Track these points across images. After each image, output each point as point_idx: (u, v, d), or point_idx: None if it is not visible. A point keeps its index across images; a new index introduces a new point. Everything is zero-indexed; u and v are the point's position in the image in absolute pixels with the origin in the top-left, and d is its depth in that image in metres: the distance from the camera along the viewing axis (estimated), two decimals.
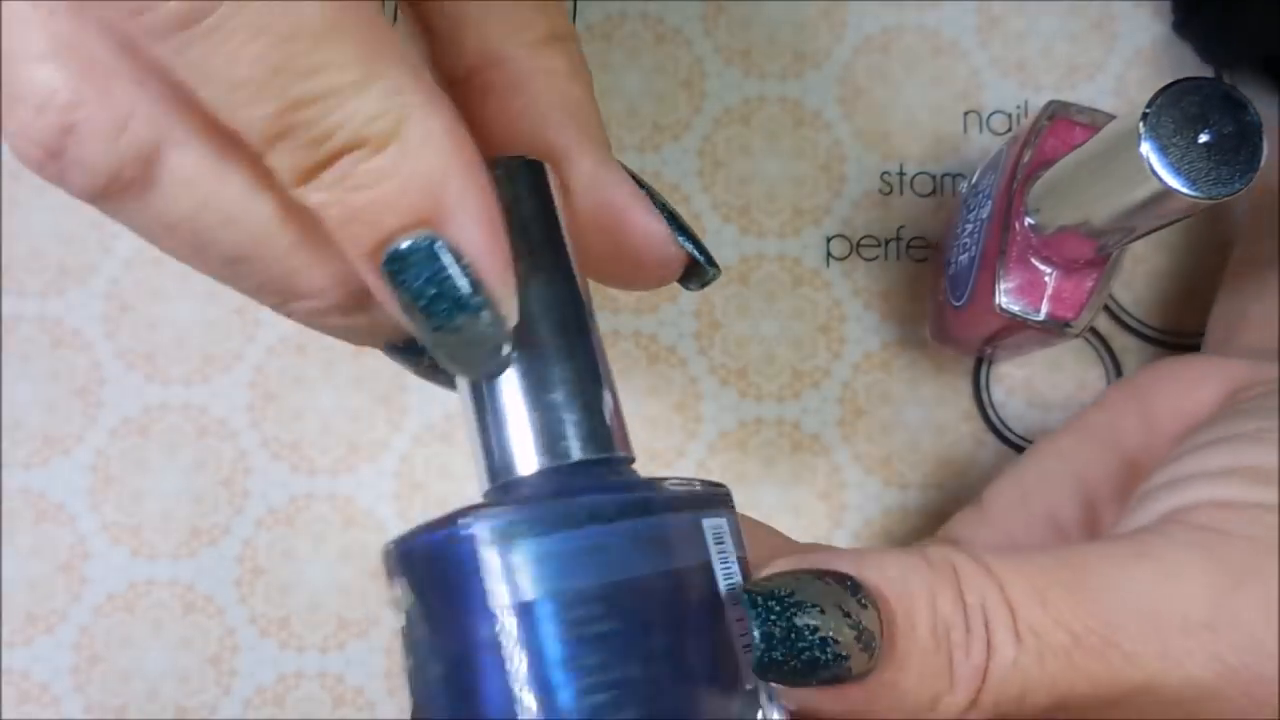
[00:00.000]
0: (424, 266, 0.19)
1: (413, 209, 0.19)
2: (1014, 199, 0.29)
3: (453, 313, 0.19)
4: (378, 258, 0.19)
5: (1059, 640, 0.21)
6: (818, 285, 0.37)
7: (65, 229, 0.36)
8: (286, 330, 0.36)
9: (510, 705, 0.19)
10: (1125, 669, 0.21)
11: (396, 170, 0.18)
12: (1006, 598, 0.21)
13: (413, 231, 0.19)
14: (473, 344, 0.20)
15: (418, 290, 0.19)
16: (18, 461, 0.36)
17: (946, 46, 0.37)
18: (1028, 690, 0.21)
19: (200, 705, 0.35)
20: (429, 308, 0.19)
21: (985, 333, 0.31)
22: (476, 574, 0.19)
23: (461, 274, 0.19)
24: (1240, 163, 0.23)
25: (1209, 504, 0.23)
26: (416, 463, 0.36)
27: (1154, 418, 0.29)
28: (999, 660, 0.21)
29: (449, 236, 0.19)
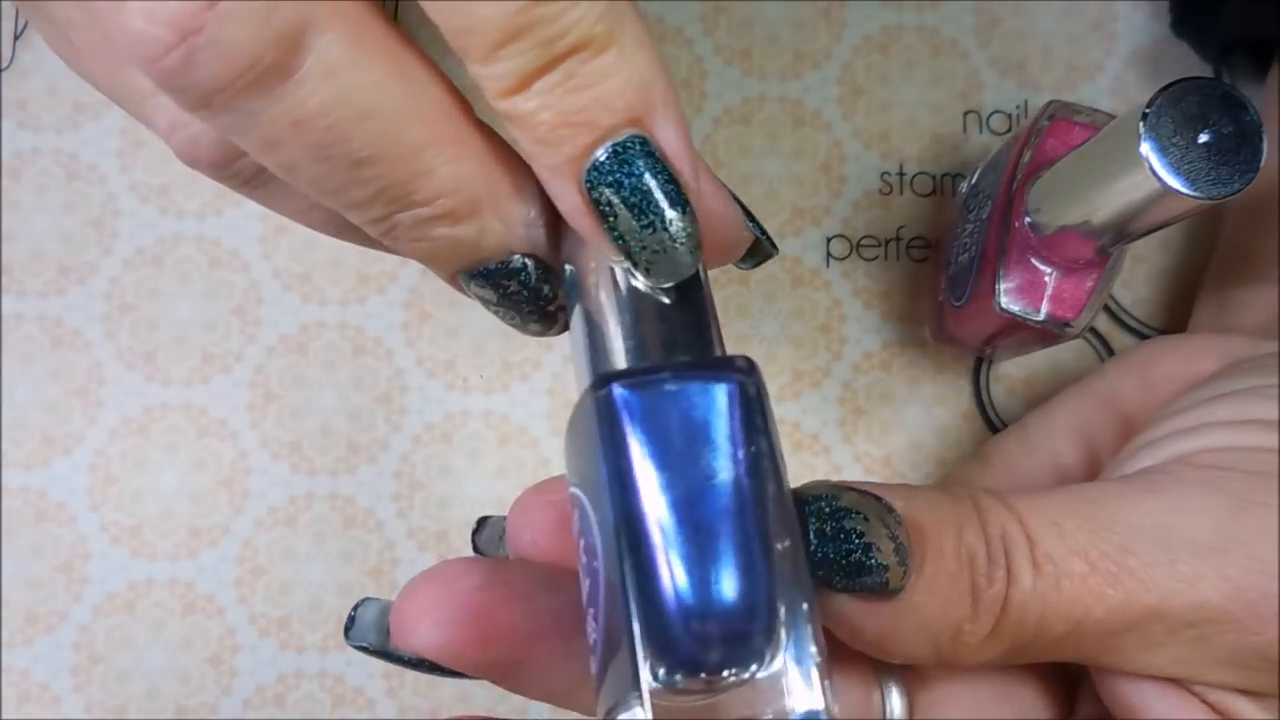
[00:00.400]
0: (635, 164, 0.19)
1: (629, 108, 0.19)
2: (1014, 199, 0.29)
3: (663, 210, 0.20)
4: (580, 163, 0.19)
5: (1075, 567, 0.22)
6: (818, 285, 0.37)
7: (65, 229, 0.36)
8: (286, 330, 0.36)
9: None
10: (1138, 592, 0.22)
11: (618, 69, 0.19)
12: (1025, 529, 0.22)
13: (623, 131, 0.19)
14: (678, 242, 0.20)
15: (630, 188, 0.19)
16: (18, 461, 0.36)
17: (946, 46, 0.37)
18: (1045, 617, 0.21)
19: (200, 705, 0.35)
20: (643, 204, 0.20)
21: (985, 333, 0.31)
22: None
23: (666, 174, 0.20)
24: (1240, 163, 0.23)
25: (1214, 449, 0.24)
26: (416, 463, 0.36)
27: (1154, 383, 0.29)
28: (1019, 588, 0.21)
29: (657, 137, 0.19)
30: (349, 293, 0.36)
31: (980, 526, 0.22)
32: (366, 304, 0.36)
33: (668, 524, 0.18)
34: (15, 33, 0.36)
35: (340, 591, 0.36)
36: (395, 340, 0.36)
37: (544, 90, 0.19)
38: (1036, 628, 0.22)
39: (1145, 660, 0.22)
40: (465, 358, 0.36)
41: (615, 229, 0.20)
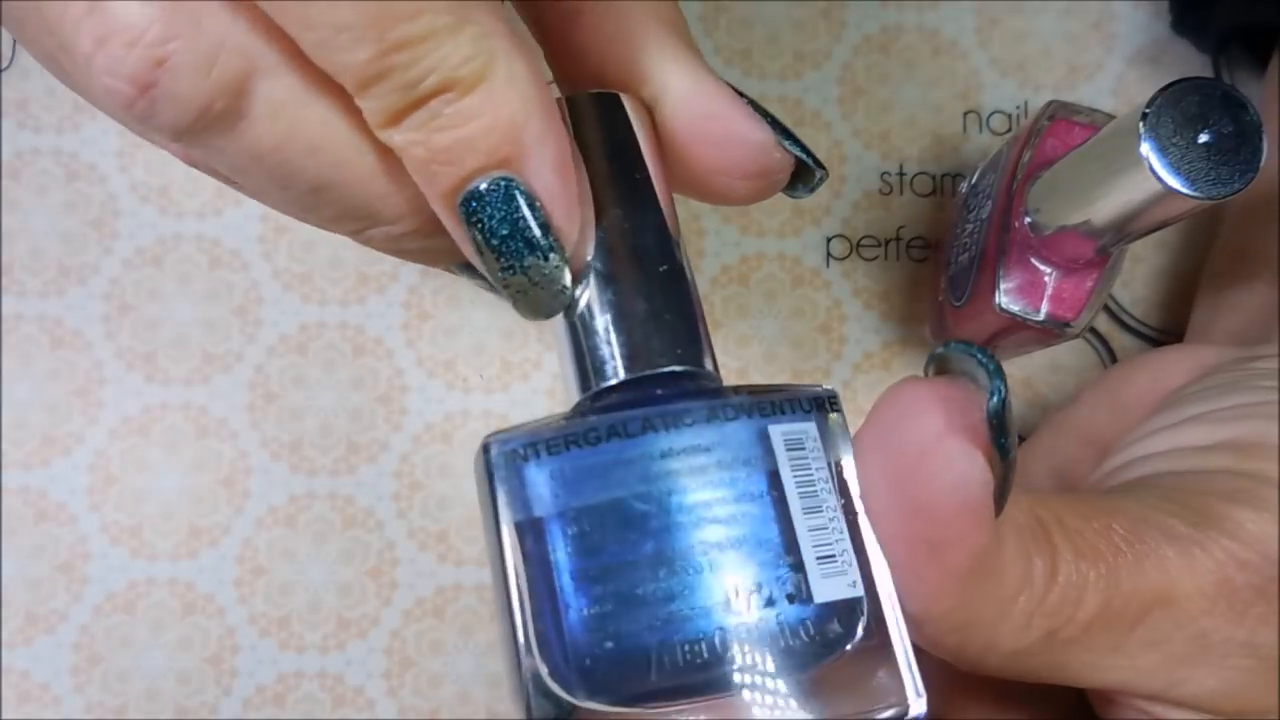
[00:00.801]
0: (499, 207, 0.20)
1: (494, 150, 0.19)
2: (1014, 199, 0.29)
3: (523, 253, 0.20)
4: (454, 198, 0.20)
5: (1102, 542, 0.22)
6: (818, 285, 0.37)
7: (65, 229, 0.36)
8: (286, 330, 0.36)
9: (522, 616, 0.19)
10: (1154, 576, 0.22)
11: (482, 111, 0.19)
12: (1050, 508, 0.22)
13: (491, 172, 0.20)
14: (539, 284, 0.21)
15: (492, 229, 0.20)
16: (18, 461, 0.36)
17: (946, 47, 0.37)
18: (1085, 593, 0.21)
19: (200, 705, 0.35)
20: (501, 247, 0.20)
21: (985, 333, 0.31)
22: (493, 491, 0.20)
23: (533, 216, 0.20)
24: (1240, 163, 0.23)
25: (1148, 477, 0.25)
26: (416, 463, 0.36)
27: (1125, 407, 0.30)
28: (1064, 561, 0.21)
29: (525, 178, 0.20)
30: (349, 293, 0.36)
31: (1015, 501, 0.22)
32: (366, 304, 0.36)
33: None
34: None
35: (340, 591, 0.36)
36: (395, 340, 0.36)
37: (414, 126, 0.19)
38: (1076, 603, 0.21)
39: (1149, 663, 0.22)
40: (465, 358, 0.36)
41: (483, 263, 0.21)
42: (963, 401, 0.20)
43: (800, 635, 0.19)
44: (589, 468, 0.20)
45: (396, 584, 0.36)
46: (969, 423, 0.19)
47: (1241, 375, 0.27)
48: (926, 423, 0.20)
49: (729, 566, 0.19)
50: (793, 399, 0.21)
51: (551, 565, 0.19)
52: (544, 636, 0.19)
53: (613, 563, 0.19)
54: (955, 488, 0.19)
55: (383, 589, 0.36)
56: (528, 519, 0.20)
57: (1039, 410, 0.36)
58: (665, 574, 0.19)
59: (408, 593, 0.36)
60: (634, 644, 0.19)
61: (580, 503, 0.20)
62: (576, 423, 0.20)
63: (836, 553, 0.20)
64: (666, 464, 0.20)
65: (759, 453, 0.20)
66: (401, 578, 0.36)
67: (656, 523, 0.19)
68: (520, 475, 0.20)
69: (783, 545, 0.20)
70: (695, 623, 0.19)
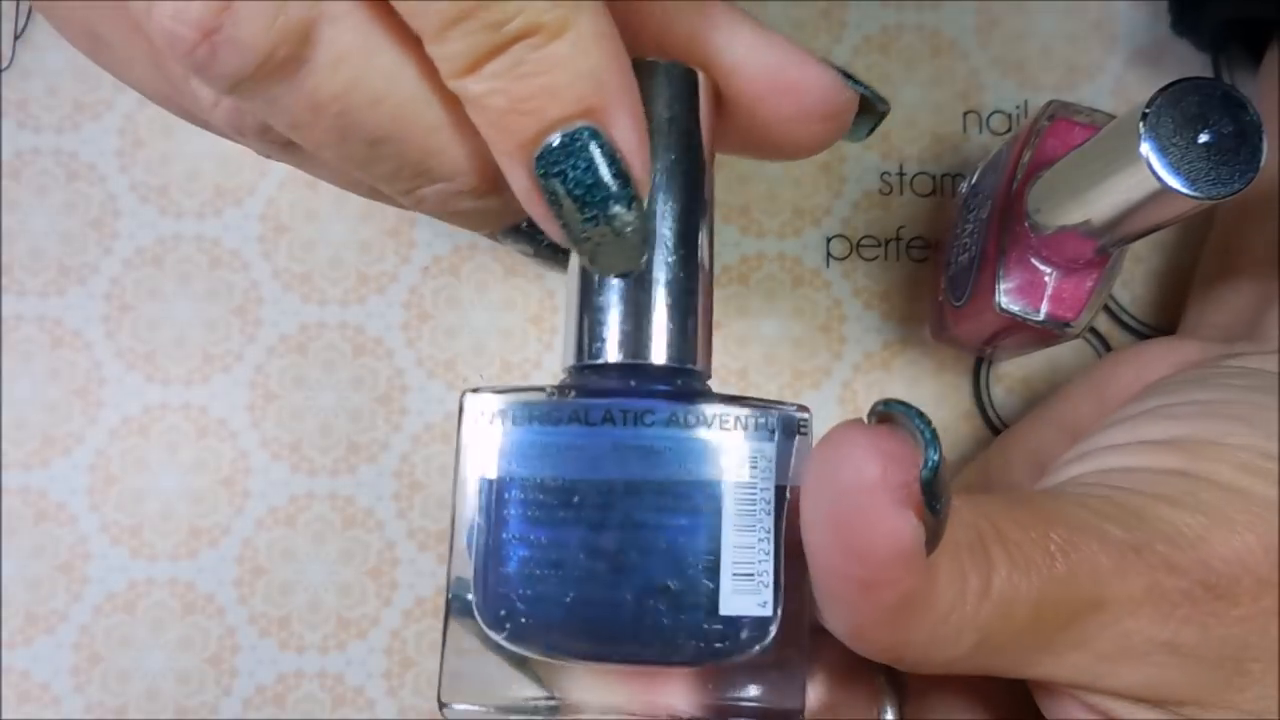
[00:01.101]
0: (583, 156, 0.19)
1: (579, 99, 0.19)
2: (1014, 199, 0.29)
3: (608, 203, 0.20)
4: (530, 150, 0.19)
5: (1037, 556, 0.22)
6: (818, 285, 0.37)
7: (65, 229, 0.36)
8: (286, 330, 0.36)
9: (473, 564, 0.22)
10: (1087, 583, 0.22)
11: (568, 60, 0.19)
12: (992, 522, 0.22)
13: (574, 122, 0.19)
14: (621, 235, 0.20)
15: (576, 179, 0.20)
16: (18, 461, 0.36)
17: (946, 46, 0.37)
18: (1016, 603, 0.22)
19: (200, 705, 0.35)
20: (586, 197, 0.20)
21: (985, 333, 0.31)
22: (460, 445, 0.22)
23: (616, 167, 0.20)
24: (1240, 163, 0.23)
25: (1105, 470, 0.25)
26: (416, 463, 0.36)
27: (1107, 400, 0.30)
28: (999, 574, 0.22)
29: (607, 130, 0.19)
30: (349, 293, 0.36)
31: (958, 517, 0.22)
32: (366, 304, 0.36)
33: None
34: (15, 33, 0.37)
35: (340, 591, 0.36)
36: (395, 340, 0.36)
37: (493, 75, 0.19)
38: (1006, 615, 0.22)
39: (1076, 660, 0.23)
40: (465, 358, 0.36)
41: (561, 218, 0.20)
42: (900, 457, 0.20)
43: (696, 638, 0.21)
44: (545, 445, 0.21)
45: (396, 584, 0.36)
46: (903, 479, 0.20)
47: (1211, 372, 0.27)
48: (865, 474, 0.20)
49: (647, 564, 0.21)
50: (761, 418, 0.22)
51: (496, 521, 0.21)
52: (478, 575, 0.21)
53: (546, 535, 0.21)
54: (887, 538, 0.20)
55: (383, 589, 0.36)
56: (484, 477, 0.22)
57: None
58: (588, 556, 0.21)
59: (408, 593, 0.36)
60: (545, 607, 0.21)
61: (530, 475, 0.21)
62: (546, 401, 0.21)
63: (756, 572, 0.21)
64: (616, 458, 0.21)
65: (707, 465, 0.21)
66: (401, 578, 0.36)
67: (592, 510, 0.21)
68: (485, 436, 0.22)
69: (703, 556, 0.21)
70: (603, 604, 0.21)
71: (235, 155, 0.36)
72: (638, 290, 0.22)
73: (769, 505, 0.21)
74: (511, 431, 0.21)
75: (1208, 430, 0.25)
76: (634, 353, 0.22)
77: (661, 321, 0.22)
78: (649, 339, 0.22)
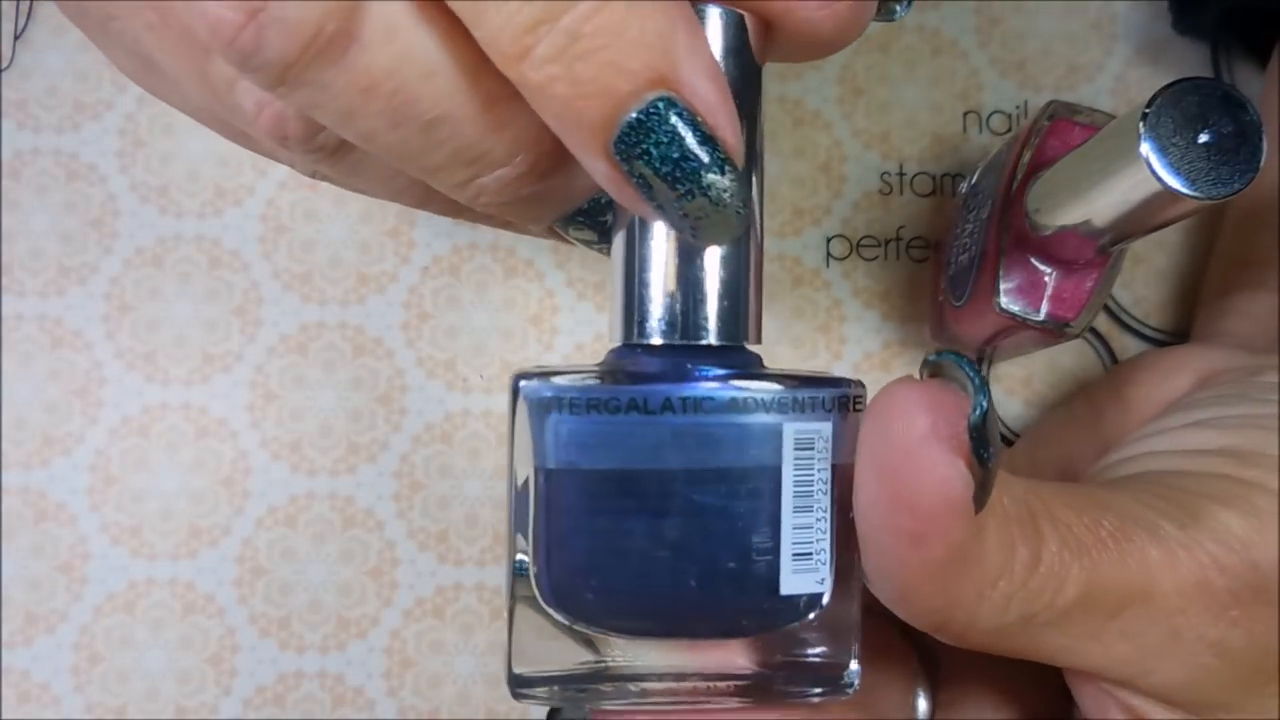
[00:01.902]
0: (664, 130, 0.18)
1: (647, 68, 0.18)
2: (1014, 199, 0.29)
3: (700, 173, 0.19)
4: (606, 135, 0.18)
5: (1088, 536, 0.22)
6: (818, 285, 0.37)
7: (65, 229, 0.36)
8: (286, 330, 0.36)
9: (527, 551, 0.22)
10: (1136, 570, 0.22)
11: (627, 26, 0.17)
12: (1042, 498, 0.23)
13: (645, 94, 0.18)
14: (721, 203, 0.19)
15: (663, 156, 0.18)
16: (18, 461, 0.36)
17: (946, 46, 0.37)
18: (1065, 580, 0.22)
19: (200, 705, 0.35)
20: (675, 173, 0.19)
21: (985, 333, 0.31)
22: (515, 434, 0.22)
23: (700, 133, 0.18)
24: (1240, 163, 0.23)
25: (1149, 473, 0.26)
26: (416, 463, 0.36)
27: (1131, 404, 0.30)
28: (1047, 548, 0.22)
29: (683, 95, 0.18)
30: (349, 293, 0.36)
31: (1008, 489, 0.22)
32: (366, 304, 0.36)
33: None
34: (16, 33, 0.36)
35: (340, 591, 0.36)
36: (395, 340, 0.36)
37: (548, 58, 0.17)
38: (1056, 590, 0.22)
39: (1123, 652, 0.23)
40: (465, 358, 0.36)
41: (655, 200, 0.19)
42: (949, 408, 0.20)
43: (757, 615, 0.22)
44: (605, 434, 0.21)
45: (396, 584, 0.36)
46: (953, 430, 0.20)
47: (1248, 387, 0.28)
48: (914, 425, 0.20)
49: (709, 548, 0.21)
50: (815, 397, 0.21)
51: (555, 510, 0.21)
52: (540, 562, 0.22)
53: (608, 523, 0.21)
54: (936, 488, 0.20)
55: (383, 589, 0.36)
56: (542, 466, 0.21)
57: (1038, 410, 0.36)
58: (651, 543, 0.21)
59: (408, 593, 0.36)
60: (611, 593, 0.21)
61: (591, 465, 0.21)
62: (602, 387, 0.21)
63: (814, 551, 0.22)
64: (677, 445, 0.21)
65: (767, 449, 0.21)
66: (401, 578, 0.36)
67: (654, 498, 0.21)
68: (542, 424, 0.21)
69: (764, 538, 0.21)
70: (667, 588, 0.21)
71: (235, 155, 0.36)
72: (691, 266, 0.21)
73: (826, 485, 0.22)
74: (569, 419, 0.21)
75: (1255, 442, 0.25)
76: (689, 333, 0.21)
77: (715, 300, 0.21)
78: (705, 319, 0.21)
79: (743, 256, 0.22)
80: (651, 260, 0.21)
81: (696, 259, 0.21)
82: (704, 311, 0.21)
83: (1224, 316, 0.33)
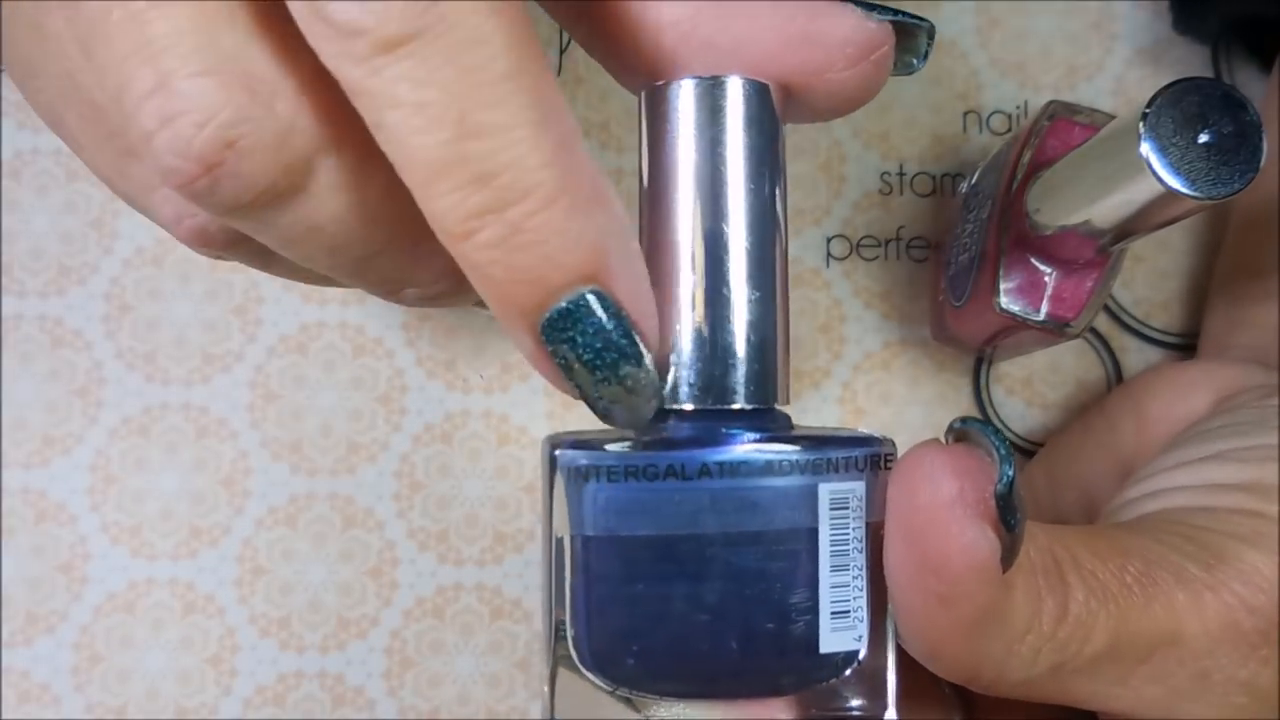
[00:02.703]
0: (589, 321, 0.19)
1: (581, 264, 0.19)
2: (1014, 199, 0.29)
3: (618, 364, 0.20)
4: (535, 317, 0.19)
5: (1113, 584, 0.22)
6: (818, 285, 0.37)
7: (65, 229, 0.36)
8: (286, 330, 0.36)
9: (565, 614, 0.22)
10: (1162, 617, 0.22)
11: (566, 225, 0.18)
12: (1067, 547, 0.23)
13: (577, 287, 0.19)
14: (635, 391, 0.20)
15: (584, 344, 0.19)
16: (18, 461, 0.36)
17: (946, 46, 0.37)
18: (1093, 629, 0.22)
19: (200, 705, 0.35)
20: (595, 361, 0.20)
21: (985, 333, 0.31)
22: (552, 501, 0.22)
23: (623, 326, 0.19)
24: (1240, 163, 0.23)
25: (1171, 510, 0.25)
26: (416, 463, 0.36)
27: (1147, 422, 0.30)
28: (1075, 598, 0.22)
29: (612, 289, 0.19)
30: (349, 293, 0.36)
31: (1033, 541, 0.22)
32: (366, 304, 0.36)
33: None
34: None
35: (340, 591, 0.36)
36: (395, 340, 0.36)
37: (491, 244, 0.18)
38: (1084, 639, 0.22)
39: (1153, 695, 0.23)
40: (465, 358, 0.36)
41: (573, 380, 0.20)
42: (976, 474, 0.21)
43: (797, 675, 0.22)
44: (643, 502, 0.21)
45: (396, 584, 0.36)
46: (980, 495, 0.20)
47: (1265, 413, 0.28)
48: (942, 490, 0.20)
49: (748, 611, 0.21)
50: (848, 457, 0.22)
51: (594, 577, 0.22)
52: (580, 628, 0.22)
53: (647, 588, 0.21)
54: (963, 553, 0.20)
55: (383, 589, 0.36)
56: (580, 534, 0.22)
57: (1039, 410, 0.36)
58: (690, 607, 0.21)
59: (408, 593, 0.36)
60: (651, 657, 0.22)
61: (629, 532, 0.21)
62: (639, 454, 0.21)
63: (851, 609, 0.22)
64: (714, 511, 0.21)
65: (803, 510, 0.22)
66: (401, 578, 0.36)
67: (692, 562, 0.21)
68: (579, 493, 0.21)
69: (802, 599, 0.21)
70: (707, 652, 0.21)
71: None
72: (721, 331, 0.22)
73: (861, 543, 0.22)
74: (606, 487, 0.21)
75: (1274, 475, 0.25)
76: (721, 398, 0.22)
77: (746, 364, 0.22)
78: (736, 383, 0.22)
79: (771, 318, 0.22)
80: (681, 326, 0.22)
81: (728, 324, 0.22)
82: (736, 376, 0.22)
83: (1237, 329, 0.32)
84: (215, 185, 0.19)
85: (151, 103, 0.18)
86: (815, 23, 0.22)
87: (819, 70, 0.22)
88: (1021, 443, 0.36)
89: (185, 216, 0.21)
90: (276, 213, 0.19)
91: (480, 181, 0.18)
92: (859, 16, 0.22)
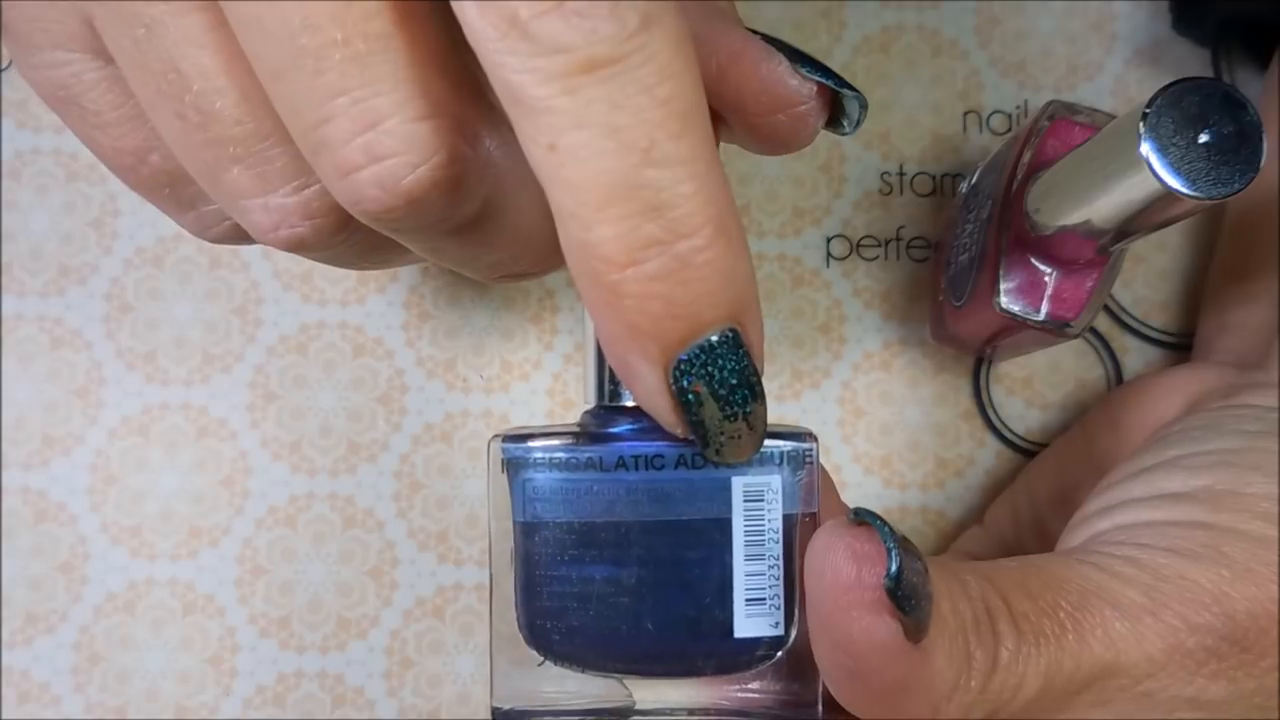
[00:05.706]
0: (729, 358, 0.19)
1: (731, 303, 0.19)
2: (1014, 199, 0.29)
3: (747, 400, 0.20)
4: (674, 353, 0.19)
5: (1046, 626, 0.23)
6: (818, 285, 0.37)
7: (65, 229, 0.36)
8: (286, 330, 0.36)
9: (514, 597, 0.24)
10: (1098, 649, 0.23)
11: (729, 264, 0.19)
12: (1000, 592, 0.23)
13: (722, 325, 0.19)
14: (754, 428, 0.21)
15: (721, 381, 0.20)
16: (18, 461, 0.36)
17: (946, 46, 0.37)
18: (1026, 675, 0.22)
19: (200, 705, 0.35)
20: (730, 396, 0.20)
21: (985, 333, 0.31)
22: (492, 489, 0.24)
23: (753, 366, 0.20)
24: (1240, 163, 0.23)
25: (1127, 526, 0.26)
26: (416, 463, 0.36)
27: (1124, 434, 0.30)
28: (1005, 648, 0.22)
29: (747, 331, 0.20)
30: (349, 293, 0.36)
31: (966, 593, 0.23)
32: (366, 304, 0.36)
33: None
34: None
35: (340, 591, 0.36)
36: (395, 340, 0.36)
37: (654, 277, 0.18)
38: (1016, 687, 0.22)
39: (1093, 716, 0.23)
40: (465, 358, 0.36)
41: (697, 416, 0.20)
42: (874, 559, 0.21)
43: (715, 657, 0.23)
44: (567, 491, 0.23)
45: (396, 584, 0.36)
46: (877, 580, 0.21)
47: (1221, 416, 0.28)
48: (841, 574, 0.21)
49: (665, 596, 0.23)
50: (766, 453, 0.23)
51: (529, 559, 0.24)
52: (518, 607, 0.24)
53: (573, 572, 0.23)
54: (864, 633, 0.21)
55: (383, 589, 0.36)
56: (516, 520, 0.24)
57: (1039, 410, 0.36)
58: (612, 591, 0.23)
59: (408, 593, 0.36)
60: (578, 635, 0.23)
61: (553, 518, 0.23)
62: (566, 446, 0.23)
63: (767, 597, 0.23)
64: (631, 501, 0.23)
65: (717, 502, 0.23)
66: (401, 578, 0.36)
67: (612, 549, 0.23)
68: (515, 481, 0.24)
69: (717, 585, 0.23)
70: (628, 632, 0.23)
71: None
72: None
73: (777, 534, 0.23)
74: (536, 478, 0.23)
75: (1227, 480, 0.25)
76: None
77: None
78: None
79: None
80: None
81: None
82: None
83: (1221, 330, 0.33)
84: (405, 213, 0.19)
85: (360, 141, 0.18)
86: (735, 64, 0.22)
87: (731, 109, 0.23)
88: (1021, 443, 0.36)
89: (283, 226, 0.21)
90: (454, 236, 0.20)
91: (655, 211, 0.18)
92: (782, 70, 0.22)
